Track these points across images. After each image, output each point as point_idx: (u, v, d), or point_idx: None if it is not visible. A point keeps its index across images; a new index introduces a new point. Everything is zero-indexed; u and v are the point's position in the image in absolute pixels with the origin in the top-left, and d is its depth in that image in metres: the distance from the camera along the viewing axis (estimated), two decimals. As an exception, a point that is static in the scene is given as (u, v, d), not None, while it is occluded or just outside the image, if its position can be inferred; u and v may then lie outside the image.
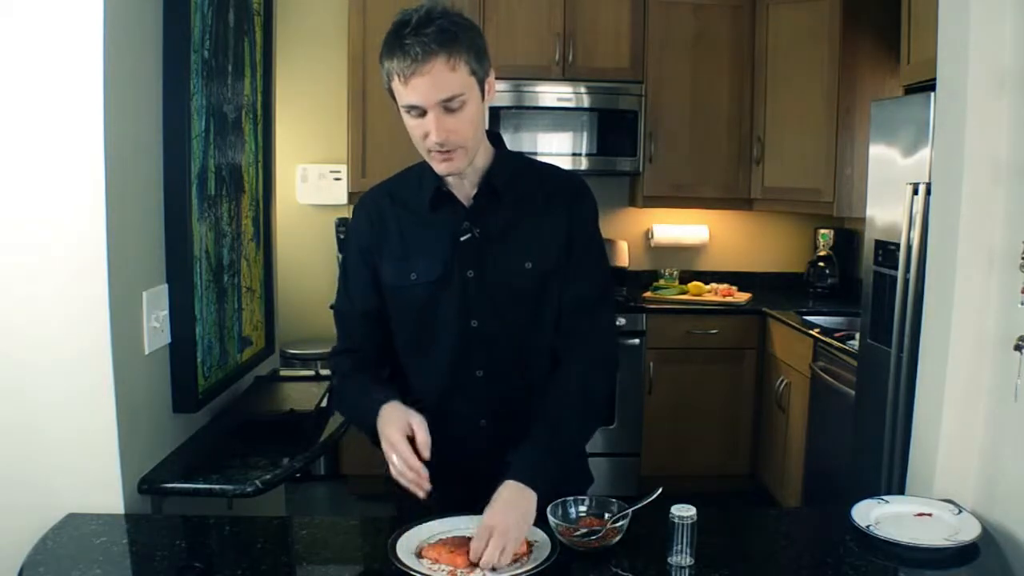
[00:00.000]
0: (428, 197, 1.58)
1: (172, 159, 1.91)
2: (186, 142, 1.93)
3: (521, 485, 1.47)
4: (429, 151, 1.49)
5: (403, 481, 1.46)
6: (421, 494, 1.45)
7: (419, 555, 1.43)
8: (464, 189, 1.58)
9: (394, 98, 1.48)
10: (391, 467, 1.47)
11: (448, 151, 1.47)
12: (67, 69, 1.61)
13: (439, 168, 1.51)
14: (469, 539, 1.44)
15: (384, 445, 1.48)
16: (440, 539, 1.46)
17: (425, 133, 1.46)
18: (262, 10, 2.52)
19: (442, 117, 1.44)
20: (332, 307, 1.74)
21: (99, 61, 1.61)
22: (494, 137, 1.62)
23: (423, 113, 1.44)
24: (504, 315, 1.58)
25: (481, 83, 1.48)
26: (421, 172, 1.61)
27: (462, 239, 1.56)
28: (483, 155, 1.58)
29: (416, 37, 1.39)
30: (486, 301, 1.57)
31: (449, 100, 1.43)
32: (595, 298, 1.64)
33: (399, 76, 1.42)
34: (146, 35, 1.83)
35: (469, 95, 1.45)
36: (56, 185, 1.63)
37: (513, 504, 1.45)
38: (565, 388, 1.59)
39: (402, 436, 1.46)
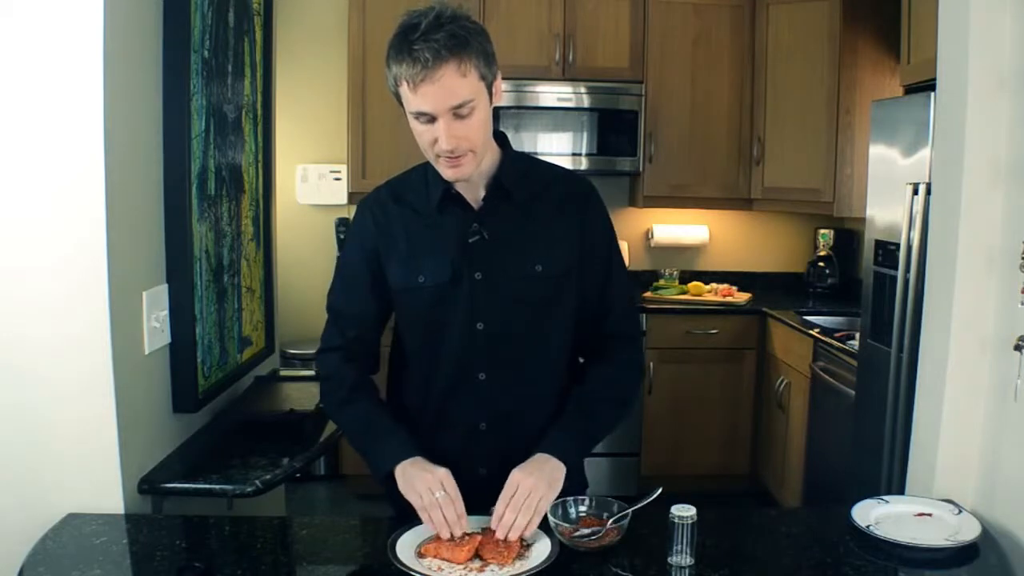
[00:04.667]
0: (437, 199, 1.57)
1: (172, 159, 1.91)
2: (186, 142, 1.93)
3: (550, 456, 1.50)
4: (437, 157, 1.47)
5: (435, 514, 1.44)
6: (453, 531, 1.44)
7: (419, 553, 1.43)
8: (472, 190, 1.58)
9: (400, 102, 1.47)
10: (424, 495, 1.44)
11: (457, 157, 1.46)
12: (67, 69, 1.61)
13: (447, 174, 1.50)
14: (468, 535, 1.45)
15: (427, 483, 1.45)
16: (435, 539, 1.45)
17: (434, 139, 1.44)
18: (262, 10, 2.52)
19: (451, 123, 1.42)
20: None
21: (99, 61, 1.61)
22: (499, 137, 1.61)
23: (432, 119, 1.42)
24: (510, 318, 1.58)
25: (489, 87, 1.47)
26: (426, 173, 1.60)
27: (470, 241, 1.56)
28: (490, 156, 1.57)
29: (426, 42, 1.37)
30: (493, 303, 1.57)
31: (459, 107, 1.41)
32: (631, 304, 1.72)
33: (408, 82, 1.40)
34: (146, 35, 1.83)
35: (478, 101, 1.44)
36: (56, 185, 1.63)
37: (539, 467, 1.48)
38: (605, 382, 1.63)
39: (453, 484, 1.46)
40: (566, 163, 4.00)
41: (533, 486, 1.45)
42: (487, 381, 1.59)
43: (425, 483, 1.46)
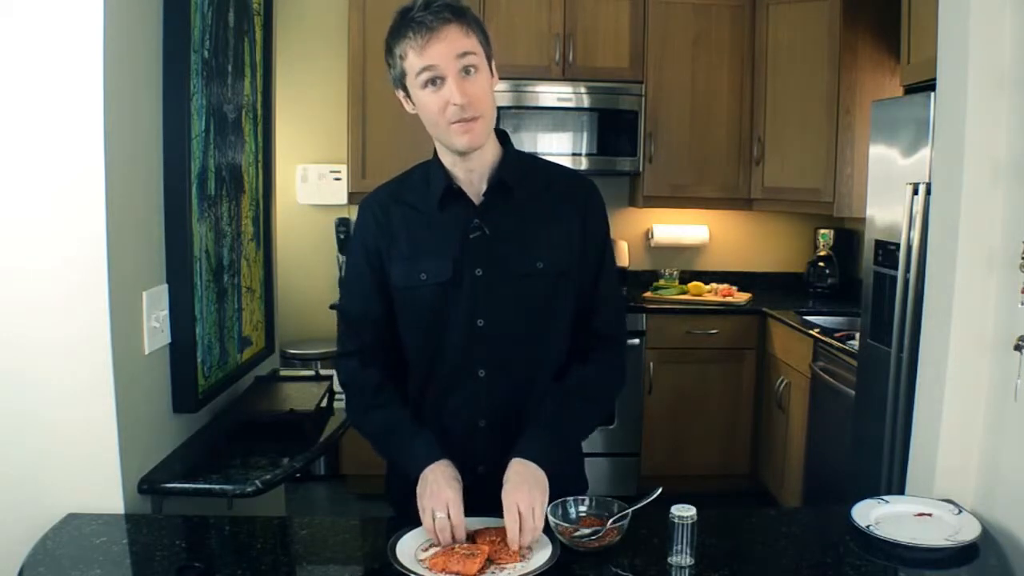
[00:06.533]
0: (438, 195, 1.57)
1: (172, 159, 1.91)
2: (186, 142, 1.93)
3: (527, 461, 1.50)
4: (450, 123, 1.48)
5: (435, 532, 1.45)
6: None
7: (427, 568, 1.42)
8: (473, 186, 1.58)
9: (404, 88, 1.49)
10: (429, 518, 1.46)
11: (469, 120, 1.47)
12: (67, 69, 1.61)
13: (461, 141, 1.49)
14: (474, 543, 1.44)
15: (434, 502, 1.46)
16: (439, 550, 1.44)
17: (444, 104, 1.46)
18: (262, 10, 2.52)
19: (461, 81, 1.45)
20: (333, 307, 1.74)
21: (99, 61, 1.61)
22: (501, 135, 1.61)
23: (441, 80, 1.45)
24: (511, 315, 1.58)
25: (489, 61, 1.51)
26: (427, 172, 1.60)
27: (471, 236, 1.56)
28: (492, 151, 1.57)
29: (426, 12, 1.43)
30: (494, 300, 1.57)
31: (466, 57, 1.45)
32: (621, 305, 1.73)
33: (414, 49, 1.44)
34: (146, 35, 1.83)
35: (481, 63, 1.48)
36: (56, 185, 1.63)
37: (526, 478, 1.47)
38: (582, 382, 1.62)
39: (459, 508, 1.46)
40: (566, 163, 3.98)
41: (529, 499, 1.44)
42: (486, 378, 1.59)
43: (431, 504, 1.46)
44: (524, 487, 1.45)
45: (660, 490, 1.52)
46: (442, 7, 1.44)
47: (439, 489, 1.46)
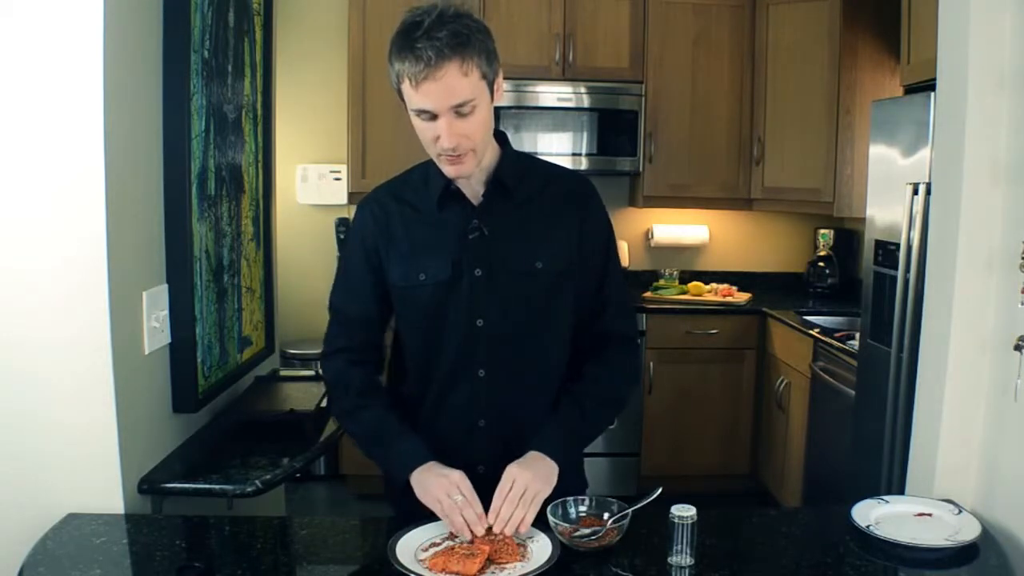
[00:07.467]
0: (436, 196, 1.57)
1: (172, 159, 1.91)
2: (186, 142, 1.93)
3: (543, 455, 1.51)
4: (439, 154, 1.48)
5: (456, 519, 1.45)
6: (475, 531, 1.45)
7: (427, 568, 1.41)
8: (472, 187, 1.58)
9: (402, 98, 1.47)
10: (444, 501, 1.46)
11: (458, 155, 1.47)
12: (67, 69, 1.61)
13: (448, 171, 1.51)
14: (476, 542, 1.45)
15: (444, 488, 1.46)
16: (439, 550, 1.45)
17: (435, 136, 1.45)
18: (262, 10, 2.52)
19: (453, 122, 1.43)
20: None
21: (99, 61, 1.61)
22: (499, 135, 1.61)
23: (433, 117, 1.43)
24: (511, 315, 1.58)
25: (491, 86, 1.47)
26: (426, 171, 1.61)
27: (470, 237, 1.56)
28: (490, 153, 1.57)
29: (428, 41, 1.37)
30: (493, 300, 1.57)
31: (460, 106, 1.42)
32: (629, 305, 1.74)
33: (410, 80, 1.40)
34: (146, 35, 1.83)
35: (480, 100, 1.44)
36: (56, 185, 1.63)
37: (534, 463, 1.49)
38: (599, 382, 1.63)
39: (465, 484, 1.47)
40: (566, 163, 4.00)
41: (529, 481, 1.46)
42: (486, 378, 1.60)
43: (442, 488, 1.46)
44: (529, 468, 1.47)
45: (660, 490, 1.52)
46: (444, 40, 1.37)
47: (443, 475, 1.47)
